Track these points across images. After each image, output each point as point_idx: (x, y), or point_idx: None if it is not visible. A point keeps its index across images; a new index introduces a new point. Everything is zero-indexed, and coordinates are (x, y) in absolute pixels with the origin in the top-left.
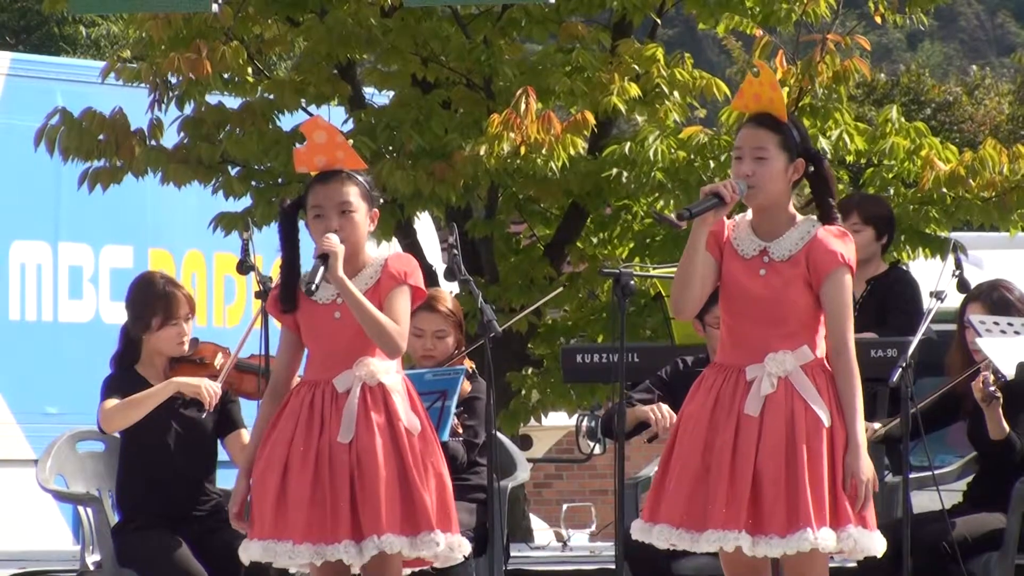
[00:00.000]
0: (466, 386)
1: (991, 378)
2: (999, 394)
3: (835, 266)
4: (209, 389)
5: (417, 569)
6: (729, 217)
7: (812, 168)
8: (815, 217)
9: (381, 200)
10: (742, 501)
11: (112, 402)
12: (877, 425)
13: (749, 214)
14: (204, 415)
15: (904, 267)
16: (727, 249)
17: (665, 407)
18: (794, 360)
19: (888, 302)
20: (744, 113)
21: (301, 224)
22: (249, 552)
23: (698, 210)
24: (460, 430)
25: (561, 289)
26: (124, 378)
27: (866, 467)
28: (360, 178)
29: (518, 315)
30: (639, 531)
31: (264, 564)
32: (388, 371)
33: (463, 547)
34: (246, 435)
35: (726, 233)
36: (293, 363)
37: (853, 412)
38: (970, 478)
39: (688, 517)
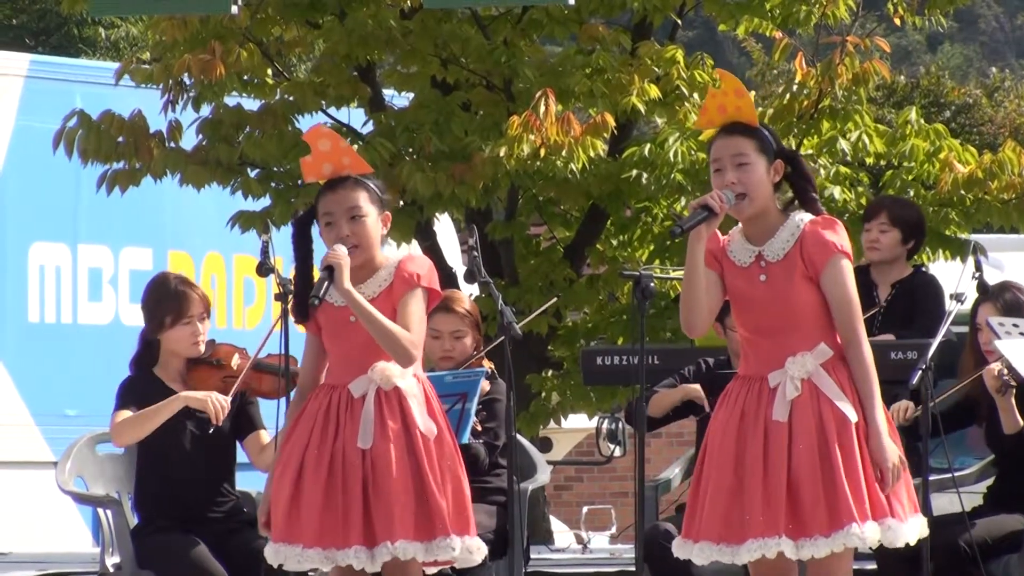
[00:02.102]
0: (485, 386)
1: (1005, 370)
2: (1013, 383)
3: (830, 256)
4: (216, 402)
5: (436, 570)
6: (723, 233)
7: (790, 168)
8: (801, 211)
9: (394, 203)
10: (779, 506)
11: (124, 415)
12: (907, 404)
13: (741, 225)
14: (212, 430)
15: (925, 269)
16: (725, 262)
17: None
18: (814, 360)
19: (914, 305)
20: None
21: (316, 233)
22: (267, 553)
23: (689, 225)
24: (479, 428)
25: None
26: (140, 382)
27: (890, 451)
28: (369, 183)
29: (533, 315)
30: (680, 549)
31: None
32: (404, 375)
33: (481, 549)
34: (265, 436)
35: (721, 246)
36: (318, 367)
37: (871, 400)
38: (990, 480)
39: (727, 531)
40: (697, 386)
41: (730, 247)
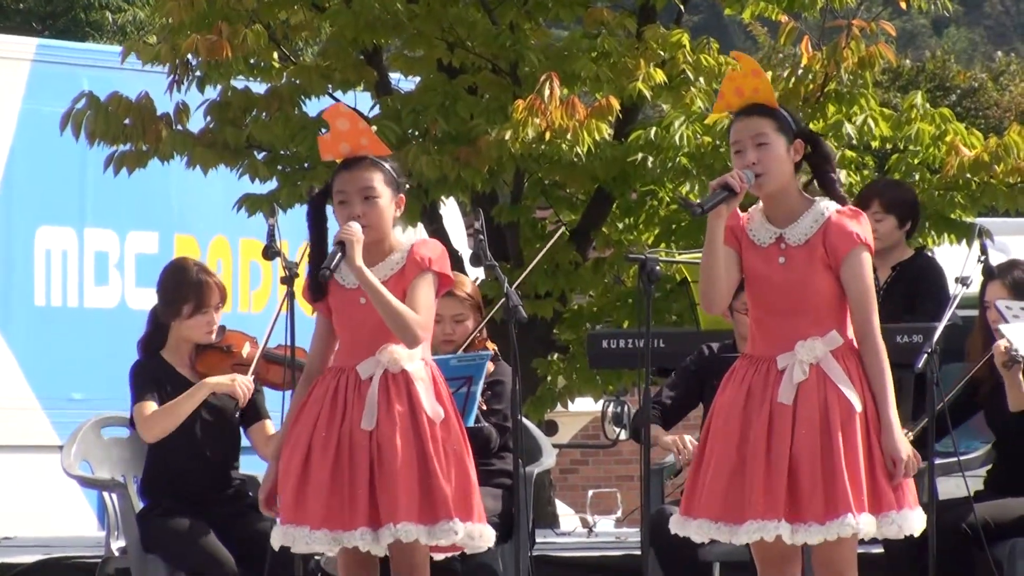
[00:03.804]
0: (489, 367)
1: (1013, 344)
2: (1020, 358)
3: (852, 247)
4: (242, 385)
5: (443, 556)
6: (743, 210)
7: (810, 148)
8: (827, 199)
9: (408, 185)
10: (780, 490)
11: (148, 407)
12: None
13: (762, 204)
14: (238, 412)
15: (929, 252)
16: (744, 240)
17: (688, 438)
18: (824, 346)
19: (916, 288)
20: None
21: (330, 212)
22: (273, 537)
23: (710, 205)
24: (484, 407)
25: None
26: (150, 367)
27: (903, 445)
28: (385, 164)
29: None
30: (677, 525)
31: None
32: (412, 358)
33: (486, 536)
34: (270, 426)
35: (741, 224)
36: (327, 349)
37: (884, 393)
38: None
39: (726, 510)
40: (670, 440)
41: (750, 226)
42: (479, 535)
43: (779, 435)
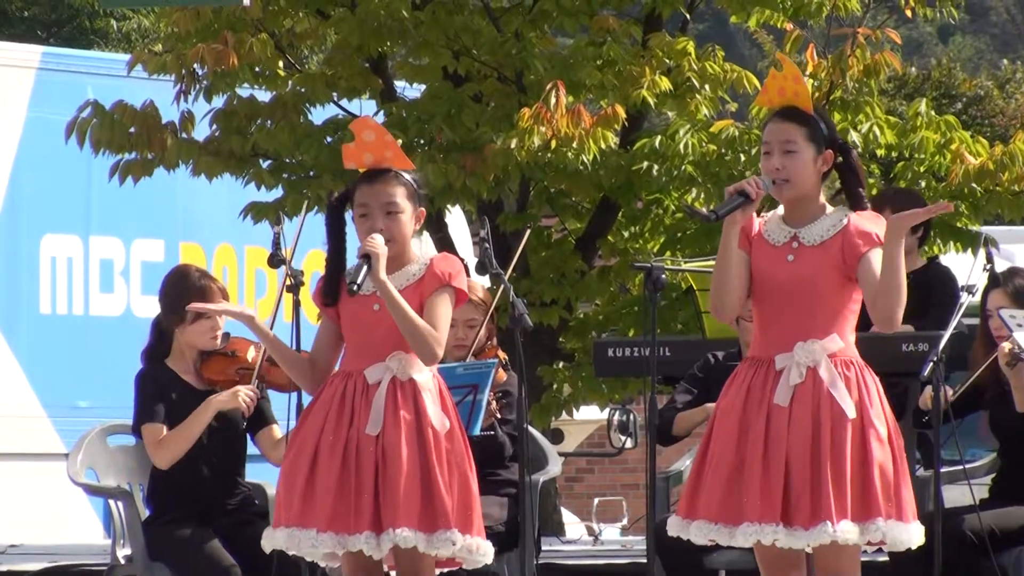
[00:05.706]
0: (501, 375)
1: (1017, 347)
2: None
3: (872, 246)
4: (245, 397)
5: (447, 570)
6: (759, 214)
7: (841, 159)
8: (846, 207)
9: (427, 198)
10: (777, 493)
11: (159, 431)
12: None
13: (781, 209)
14: (245, 424)
15: (944, 264)
16: (757, 241)
17: None
18: (822, 349)
19: (929, 296)
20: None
21: (348, 217)
22: (274, 540)
23: (724, 211)
24: (499, 415)
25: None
26: (155, 377)
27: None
28: (407, 177)
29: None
30: (676, 527)
31: (294, 557)
32: (421, 367)
33: (484, 551)
34: (277, 431)
35: (756, 228)
36: (329, 351)
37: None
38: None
39: (724, 511)
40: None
41: (765, 227)
42: (476, 549)
43: (776, 437)
